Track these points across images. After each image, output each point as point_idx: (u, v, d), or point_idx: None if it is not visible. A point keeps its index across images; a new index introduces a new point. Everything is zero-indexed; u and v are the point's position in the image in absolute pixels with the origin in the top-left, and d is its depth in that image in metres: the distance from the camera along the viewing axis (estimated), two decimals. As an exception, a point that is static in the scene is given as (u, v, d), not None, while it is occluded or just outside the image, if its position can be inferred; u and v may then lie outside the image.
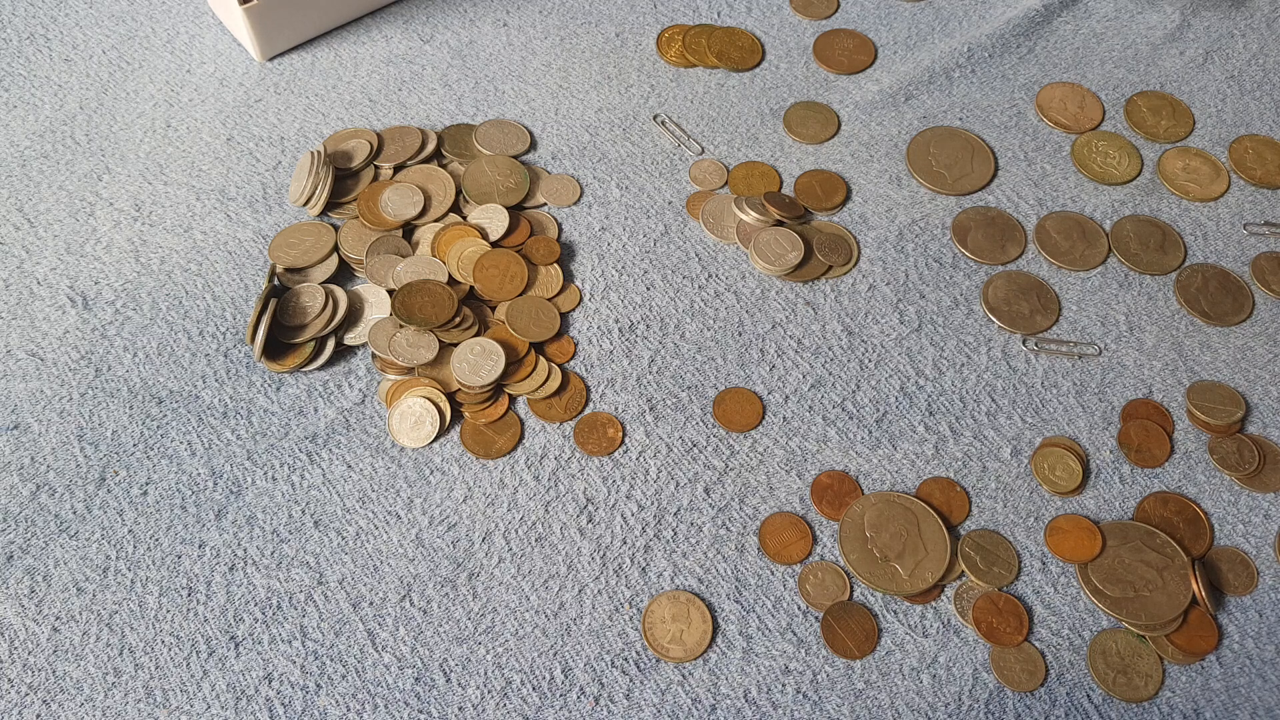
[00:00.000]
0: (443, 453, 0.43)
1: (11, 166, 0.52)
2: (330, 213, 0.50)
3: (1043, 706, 0.38)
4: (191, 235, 0.49)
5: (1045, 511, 0.42)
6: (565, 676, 0.38)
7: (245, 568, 0.40)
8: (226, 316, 0.47)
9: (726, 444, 0.44)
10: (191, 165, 0.52)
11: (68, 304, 0.47)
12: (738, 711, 0.38)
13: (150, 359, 0.45)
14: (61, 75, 0.56)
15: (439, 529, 0.41)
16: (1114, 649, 0.39)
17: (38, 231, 0.49)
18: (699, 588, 0.40)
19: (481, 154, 0.53)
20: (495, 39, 0.58)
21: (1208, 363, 0.47)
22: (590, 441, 0.44)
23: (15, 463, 0.42)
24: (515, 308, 0.47)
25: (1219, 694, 0.38)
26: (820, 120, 0.55)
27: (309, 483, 0.42)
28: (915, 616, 0.40)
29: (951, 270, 0.49)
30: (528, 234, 0.50)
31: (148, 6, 0.59)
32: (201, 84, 0.55)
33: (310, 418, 0.44)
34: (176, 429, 0.43)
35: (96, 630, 0.39)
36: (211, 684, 0.38)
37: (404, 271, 0.47)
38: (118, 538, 0.41)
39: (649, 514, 0.42)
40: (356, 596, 0.40)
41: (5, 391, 0.44)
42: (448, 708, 0.37)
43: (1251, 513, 0.43)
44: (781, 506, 0.42)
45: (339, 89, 0.55)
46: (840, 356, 0.46)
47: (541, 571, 0.40)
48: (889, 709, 0.38)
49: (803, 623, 0.40)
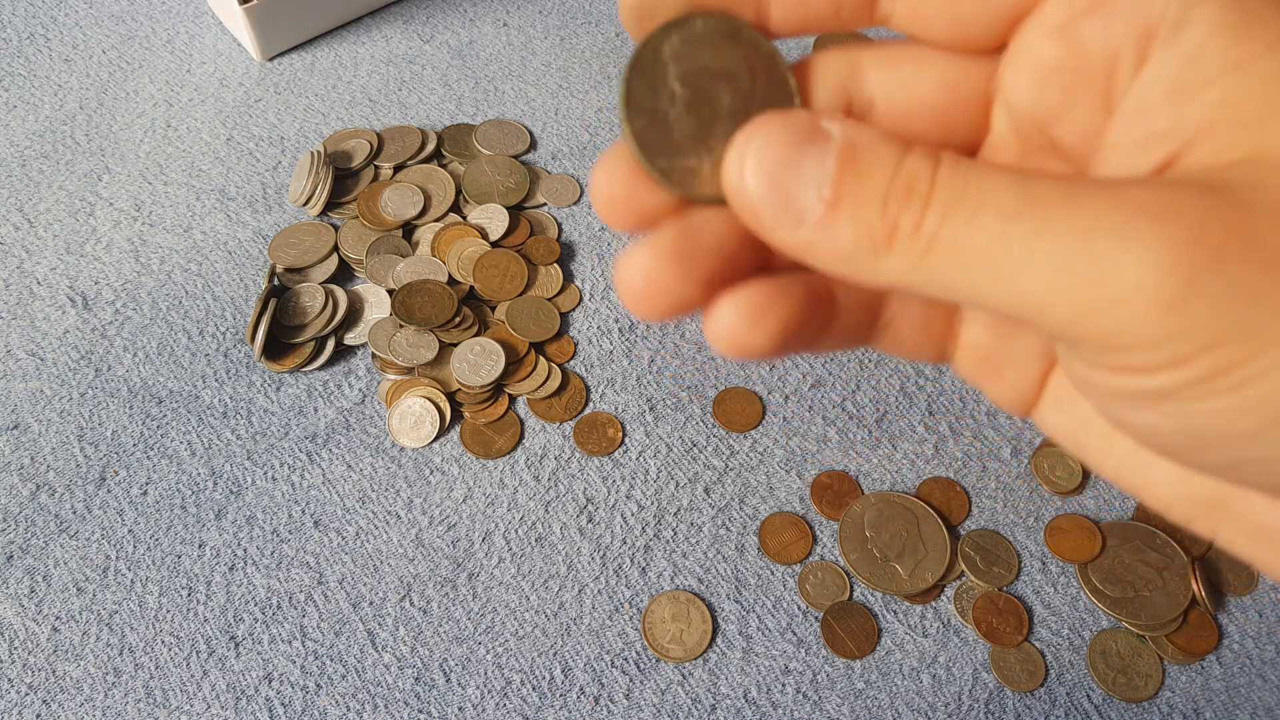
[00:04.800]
0: (443, 453, 0.43)
1: (11, 166, 0.52)
2: (330, 213, 0.50)
3: (1043, 706, 0.38)
4: (191, 235, 0.49)
5: (1045, 511, 0.42)
6: (565, 676, 0.38)
7: (245, 568, 0.40)
8: (226, 316, 0.47)
9: (726, 444, 0.44)
10: (191, 165, 0.52)
11: (68, 304, 0.47)
12: (738, 711, 0.38)
13: (150, 359, 0.45)
14: (61, 75, 0.56)
15: (439, 529, 0.41)
16: (1114, 649, 0.39)
17: (38, 231, 0.49)
18: (699, 588, 0.40)
19: (481, 154, 0.53)
20: (495, 39, 0.58)
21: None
22: (590, 441, 0.43)
23: (15, 463, 0.42)
24: (515, 308, 0.47)
25: (1219, 694, 0.38)
26: (820, 120, 0.55)
27: (309, 483, 0.42)
28: (915, 616, 0.40)
29: (951, 270, 0.49)
30: (528, 234, 0.50)
31: (148, 6, 0.59)
32: (201, 84, 0.55)
33: (310, 418, 0.44)
34: (176, 429, 0.43)
35: (96, 630, 0.39)
36: (211, 684, 0.38)
37: (404, 271, 0.47)
38: (118, 538, 0.41)
39: (649, 514, 0.42)
40: (356, 596, 0.40)
41: (5, 391, 0.44)
42: (448, 708, 0.37)
43: (1251, 513, 0.43)
44: (781, 506, 0.42)
45: (339, 89, 0.55)
46: (840, 356, 0.46)
47: (541, 571, 0.40)
48: (889, 709, 0.38)
49: (803, 623, 0.40)
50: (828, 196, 0.14)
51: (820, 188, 0.14)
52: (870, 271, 0.14)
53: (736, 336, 0.15)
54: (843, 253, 0.14)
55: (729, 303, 0.15)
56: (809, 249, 0.14)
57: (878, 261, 0.14)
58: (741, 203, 0.15)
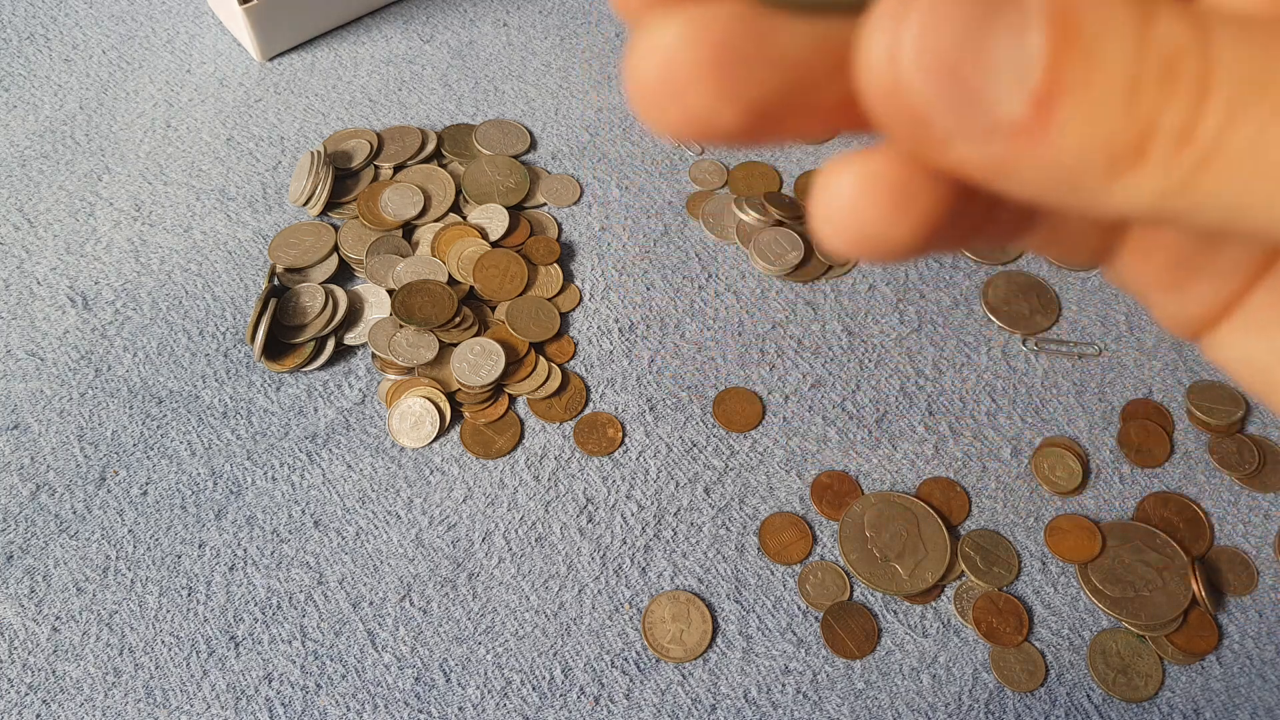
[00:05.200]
0: (443, 453, 0.43)
1: (11, 166, 0.52)
2: (330, 213, 0.50)
3: (1043, 706, 0.38)
4: (191, 235, 0.49)
5: (1045, 511, 0.42)
6: (565, 676, 0.38)
7: (245, 568, 0.40)
8: (226, 316, 0.47)
9: (726, 444, 0.44)
10: (191, 165, 0.52)
11: (68, 304, 0.47)
12: (738, 711, 0.38)
13: (150, 359, 0.45)
14: (61, 75, 0.56)
15: (439, 529, 0.41)
16: (1114, 649, 0.39)
17: (38, 231, 0.49)
18: (699, 588, 0.40)
19: (481, 154, 0.53)
20: (495, 39, 0.58)
21: (1208, 363, 0.47)
22: (590, 441, 0.43)
23: (15, 463, 0.42)
24: (515, 308, 0.47)
25: (1219, 694, 0.38)
26: (820, 120, 0.55)
27: (309, 483, 0.42)
28: (915, 616, 0.40)
29: (951, 270, 0.49)
30: (528, 234, 0.50)
31: (148, 6, 0.59)
32: (201, 84, 0.55)
33: (310, 418, 0.44)
34: (176, 429, 0.43)
35: (96, 630, 0.39)
36: (211, 684, 0.38)
37: (404, 271, 0.47)
38: (118, 538, 0.41)
39: (649, 514, 0.42)
40: (356, 596, 0.40)
41: (5, 391, 0.44)
42: (448, 708, 0.37)
43: (1251, 513, 0.43)
44: (781, 506, 0.42)
45: (339, 89, 0.55)
46: (840, 356, 0.46)
47: (541, 571, 0.40)
48: (889, 709, 0.38)
49: (803, 623, 0.40)
50: (1036, 88, 0.09)
51: (1023, 77, 0.09)
52: (1101, 197, 0.10)
53: (869, 226, 0.11)
54: (1060, 172, 0.10)
55: (853, 174, 0.11)
56: (1004, 169, 0.10)
57: (1116, 182, 0.10)
58: (897, 106, 0.10)
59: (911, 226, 0.11)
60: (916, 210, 0.11)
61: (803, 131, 0.12)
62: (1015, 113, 0.09)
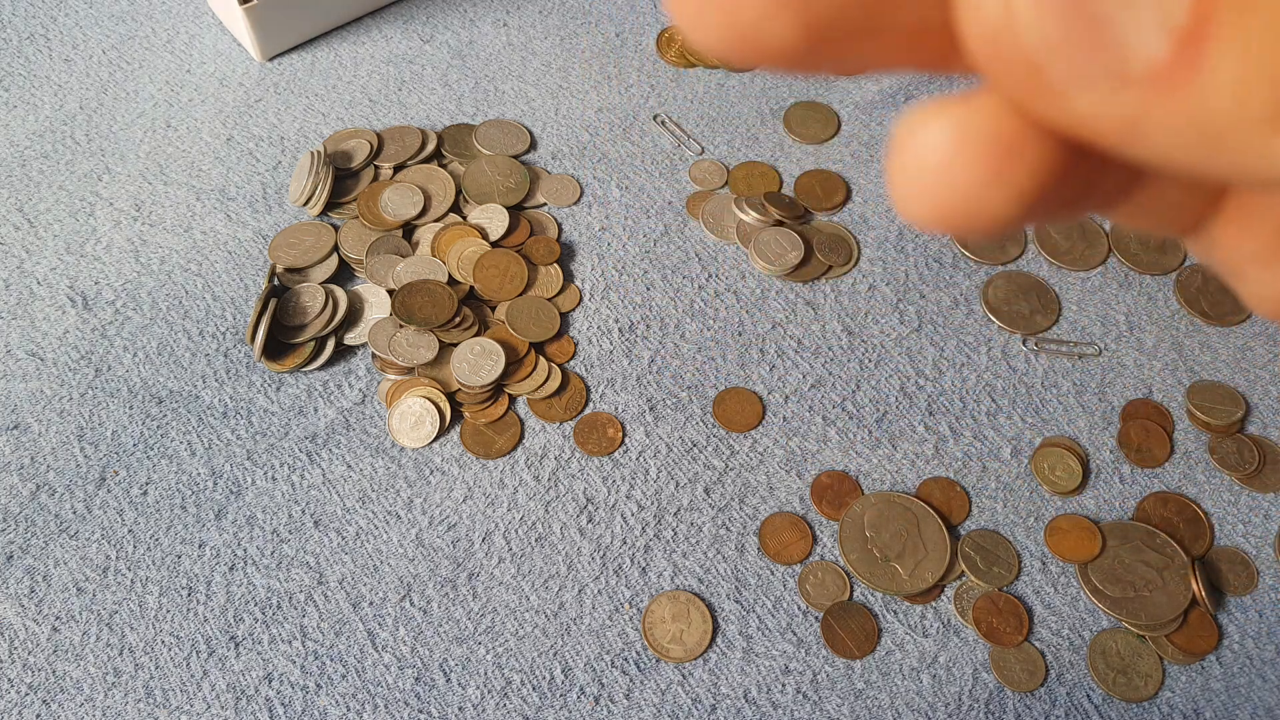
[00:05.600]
0: (443, 453, 0.43)
1: (11, 166, 0.52)
2: (330, 213, 0.50)
3: (1043, 706, 0.38)
4: (191, 235, 0.49)
5: (1045, 511, 0.42)
6: (565, 676, 0.38)
7: (245, 568, 0.40)
8: (226, 316, 0.47)
9: (726, 444, 0.44)
10: (191, 165, 0.52)
11: (68, 304, 0.47)
12: (738, 711, 0.38)
13: (150, 359, 0.45)
14: (61, 75, 0.56)
15: (439, 529, 0.41)
16: (1114, 649, 0.39)
17: (38, 231, 0.49)
18: (699, 588, 0.40)
19: (481, 154, 0.53)
20: (495, 39, 0.58)
21: (1208, 363, 0.47)
22: (590, 441, 0.43)
23: (15, 463, 0.42)
24: (515, 308, 0.47)
25: (1219, 694, 0.38)
26: (820, 120, 0.55)
27: (309, 483, 0.42)
28: (915, 616, 0.40)
29: (951, 270, 0.49)
30: (528, 234, 0.50)
31: (148, 6, 0.59)
32: (201, 84, 0.55)
33: (310, 418, 0.44)
34: (176, 429, 0.43)
35: (96, 630, 0.39)
36: (211, 684, 0.38)
37: (404, 271, 0.47)
38: (118, 538, 0.41)
39: (649, 514, 0.42)
40: (356, 596, 0.40)
41: (5, 391, 0.44)
42: (448, 708, 0.37)
43: (1251, 513, 0.43)
44: (781, 506, 0.42)
45: (339, 89, 0.55)
46: (840, 356, 0.46)
47: (541, 571, 0.40)
48: (889, 709, 0.38)
49: (803, 623, 0.40)
50: (1182, 22, 0.07)
51: (1165, 14, 0.07)
52: (1252, 158, 0.08)
53: (962, 191, 0.09)
54: (1206, 127, 0.08)
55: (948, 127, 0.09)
56: (1135, 126, 0.08)
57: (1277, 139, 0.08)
58: (1004, 45, 0.08)
59: (1012, 195, 0.09)
60: (1021, 174, 0.09)
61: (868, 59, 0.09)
62: (1154, 54, 0.08)
